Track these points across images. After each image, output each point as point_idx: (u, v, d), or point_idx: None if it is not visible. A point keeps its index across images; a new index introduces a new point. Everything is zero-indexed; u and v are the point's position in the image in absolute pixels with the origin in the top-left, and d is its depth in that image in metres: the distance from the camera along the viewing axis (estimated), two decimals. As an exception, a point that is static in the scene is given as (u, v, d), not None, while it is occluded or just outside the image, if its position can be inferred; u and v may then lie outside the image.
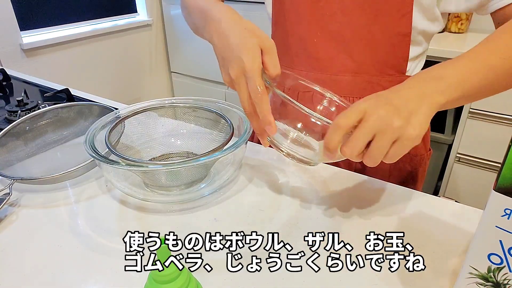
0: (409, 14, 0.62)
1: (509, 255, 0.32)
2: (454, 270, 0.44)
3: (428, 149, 0.77)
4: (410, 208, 0.55)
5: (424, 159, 0.76)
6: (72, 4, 2.07)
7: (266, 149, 0.74)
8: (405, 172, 0.76)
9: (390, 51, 0.66)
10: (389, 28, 0.64)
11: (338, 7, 0.64)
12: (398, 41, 0.65)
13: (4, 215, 0.55)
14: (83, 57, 2.13)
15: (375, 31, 0.64)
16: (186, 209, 0.56)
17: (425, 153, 0.76)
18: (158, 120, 0.68)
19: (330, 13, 0.65)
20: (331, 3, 0.64)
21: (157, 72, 2.65)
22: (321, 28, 0.67)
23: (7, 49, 1.79)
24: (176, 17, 2.41)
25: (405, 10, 0.62)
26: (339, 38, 0.66)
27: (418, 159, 0.75)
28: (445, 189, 1.68)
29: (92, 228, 0.52)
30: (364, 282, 0.43)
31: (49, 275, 0.44)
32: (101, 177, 0.64)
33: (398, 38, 0.65)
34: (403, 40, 0.65)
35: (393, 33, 0.64)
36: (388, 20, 0.63)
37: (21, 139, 0.69)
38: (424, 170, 0.78)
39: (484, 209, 0.33)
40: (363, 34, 0.65)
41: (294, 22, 0.69)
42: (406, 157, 0.74)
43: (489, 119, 1.46)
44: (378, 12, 0.63)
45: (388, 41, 0.65)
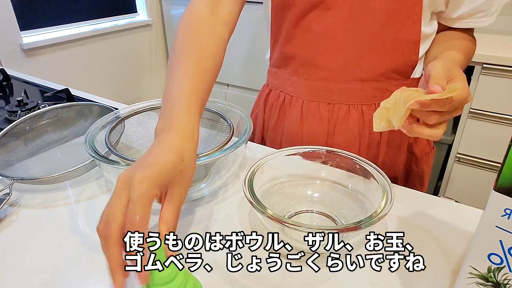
0: (418, 21, 0.62)
1: (509, 255, 0.32)
2: (454, 270, 0.44)
3: (432, 147, 0.78)
4: (410, 208, 0.55)
5: (429, 156, 0.77)
6: (72, 4, 2.07)
7: (266, 149, 0.74)
8: (412, 172, 0.77)
9: (399, 58, 0.66)
10: (399, 36, 0.63)
11: (347, 15, 0.63)
12: (408, 49, 0.65)
13: (4, 215, 0.55)
14: (83, 57, 2.13)
15: (385, 39, 0.63)
16: (186, 209, 0.56)
17: (430, 151, 0.77)
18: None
19: (339, 22, 0.64)
20: (340, 11, 0.63)
21: (157, 72, 2.65)
22: (329, 38, 0.65)
23: (7, 49, 1.79)
24: (176, 17, 2.41)
25: (415, 18, 0.62)
26: (347, 47, 0.65)
27: (423, 158, 0.76)
28: (445, 189, 1.68)
29: (92, 228, 0.52)
30: (364, 282, 0.43)
31: (49, 275, 0.44)
32: (101, 177, 0.64)
33: (409, 45, 0.64)
34: (413, 48, 0.65)
35: (403, 41, 0.64)
36: (398, 29, 0.62)
37: (21, 139, 0.69)
38: (429, 168, 0.79)
39: (484, 209, 0.33)
40: (373, 42, 0.64)
41: (299, 31, 0.68)
42: (412, 157, 0.75)
43: (489, 119, 1.46)
44: (388, 20, 0.62)
45: (398, 48, 0.64)
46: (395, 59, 0.66)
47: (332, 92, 0.69)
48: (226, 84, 2.36)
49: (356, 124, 0.70)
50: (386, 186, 0.48)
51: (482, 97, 1.45)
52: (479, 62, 1.40)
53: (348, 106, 0.69)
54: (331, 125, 0.71)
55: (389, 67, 0.66)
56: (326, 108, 0.71)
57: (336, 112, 0.70)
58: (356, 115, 0.70)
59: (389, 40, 0.64)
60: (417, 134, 0.46)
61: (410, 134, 0.46)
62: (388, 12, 0.61)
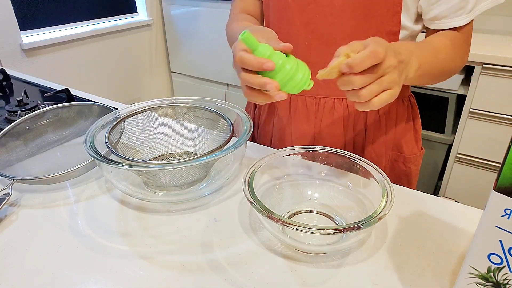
0: (398, 13, 0.63)
1: (509, 255, 0.32)
2: (454, 270, 0.44)
3: (420, 148, 0.80)
4: (410, 208, 0.55)
5: (417, 157, 0.79)
6: (72, 4, 2.07)
7: (266, 149, 0.74)
8: (399, 171, 0.78)
9: None
10: (380, 28, 0.65)
11: (328, 9, 0.64)
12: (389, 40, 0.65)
13: (4, 215, 0.55)
14: (83, 57, 2.13)
15: (366, 31, 0.65)
16: (186, 209, 0.56)
17: (418, 152, 0.79)
18: (158, 120, 0.68)
19: (320, 15, 0.65)
20: (321, 6, 0.65)
21: (157, 72, 2.65)
22: (312, 31, 0.67)
23: (7, 49, 1.79)
24: (176, 17, 2.41)
25: (395, 10, 0.63)
26: (330, 41, 0.67)
27: (411, 158, 0.77)
28: (445, 189, 1.68)
29: (92, 228, 0.52)
30: (364, 282, 0.43)
31: (49, 275, 0.44)
32: (101, 177, 0.64)
33: (389, 36, 0.65)
34: (393, 39, 0.66)
35: (384, 32, 0.65)
36: (379, 20, 0.64)
37: (21, 139, 0.69)
38: (417, 169, 0.81)
39: (484, 209, 0.33)
40: (355, 35, 0.65)
41: (283, 26, 0.70)
42: (400, 157, 0.77)
43: (489, 119, 1.46)
44: (369, 12, 0.63)
45: None
46: None
47: (318, 86, 0.70)
48: (226, 84, 2.36)
49: (341, 117, 0.72)
50: (386, 186, 0.48)
51: (482, 97, 1.45)
52: (479, 62, 1.40)
53: (334, 99, 0.72)
54: (318, 119, 0.73)
55: None
56: (313, 102, 0.73)
57: (322, 106, 0.72)
58: (341, 108, 0.72)
59: (371, 33, 0.64)
60: (345, 83, 0.45)
61: (340, 83, 0.46)
62: (368, 5, 0.63)
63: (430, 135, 1.65)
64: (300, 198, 0.56)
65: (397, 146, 0.77)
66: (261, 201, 0.45)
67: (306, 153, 0.57)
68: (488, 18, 1.74)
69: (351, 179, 0.55)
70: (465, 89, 1.49)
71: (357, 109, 0.47)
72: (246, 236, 0.50)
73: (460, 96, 1.52)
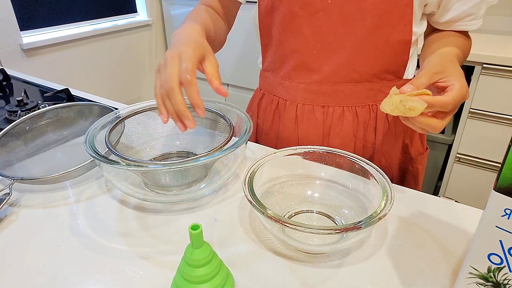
0: (409, 22, 0.62)
1: (509, 255, 0.32)
2: (454, 270, 0.44)
3: (425, 148, 0.80)
4: (410, 208, 0.55)
5: (423, 157, 0.78)
6: (72, 4, 2.07)
7: (266, 149, 0.74)
8: (407, 172, 0.78)
9: (391, 58, 0.66)
10: (390, 37, 0.63)
11: (338, 18, 0.62)
12: (400, 49, 0.65)
13: (4, 215, 0.55)
14: (83, 57, 2.13)
15: (377, 41, 0.63)
16: (186, 209, 0.56)
17: (424, 151, 0.79)
18: (158, 120, 0.68)
19: (329, 24, 0.63)
20: (330, 14, 0.63)
21: (157, 72, 2.65)
22: (320, 40, 0.65)
23: (7, 49, 1.79)
24: (176, 17, 2.41)
25: (406, 19, 0.62)
26: (340, 50, 0.65)
27: (418, 159, 0.77)
28: (445, 189, 1.68)
29: (92, 228, 0.52)
30: (364, 282, 0.43)
31: (49, 275, 0.44)
32: (101, 177, 0.64)
33: (400, 46, 0.65)
34: (404, 48, 0.65)
35: (395, 42, 0.64)
36: (390, 30, 0.63)
37: (21, 139, 0.69)
38: (423, 168, 0.80)
39: (484, 209, 0.33)
40: (365, 44, 0.64)
41: (290, 35, 0.68)
42: (407, 158, 0.76)
43: (489, 119, 1.46)
44: (380, 22, 0.62)
45: (390, 49, 0.65)
46: (387, 59, 0.66)
47: (326, 94, 0.69)
48: (226, 84, 2.36)
49: (351, 125, 0.70)
50: (386, 186, 0.48)
51: (482, 97, 1.45)
52: (479, 62, 1.40)
53: (342, 108, 0.70)
54: (326, 128, 0.72)
55: (382, 67, 0.66)
56: (321, 111, 0.71)
57: (330, 114, 0.71)
58: (350, 116, 0.70)
59: (381, 42, 0.64)
60: (420, 123, 0.47)
61: (409, 122, 0.48)
62: (379, 14, 0.61)
63: (430, 135, 1.65)
64: (300, 198, 0.56)
65: (405, 148, 0.76)
66: (261, 201, 0.45)
67: (306, 153, 0.57)
68: (488, 18, 1.74)
69: (351, 179, 0.55)
70: (465, 89, 1.49)
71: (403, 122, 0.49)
72: (246, 236, 0.50)
73: (460, 96, 1.52)
